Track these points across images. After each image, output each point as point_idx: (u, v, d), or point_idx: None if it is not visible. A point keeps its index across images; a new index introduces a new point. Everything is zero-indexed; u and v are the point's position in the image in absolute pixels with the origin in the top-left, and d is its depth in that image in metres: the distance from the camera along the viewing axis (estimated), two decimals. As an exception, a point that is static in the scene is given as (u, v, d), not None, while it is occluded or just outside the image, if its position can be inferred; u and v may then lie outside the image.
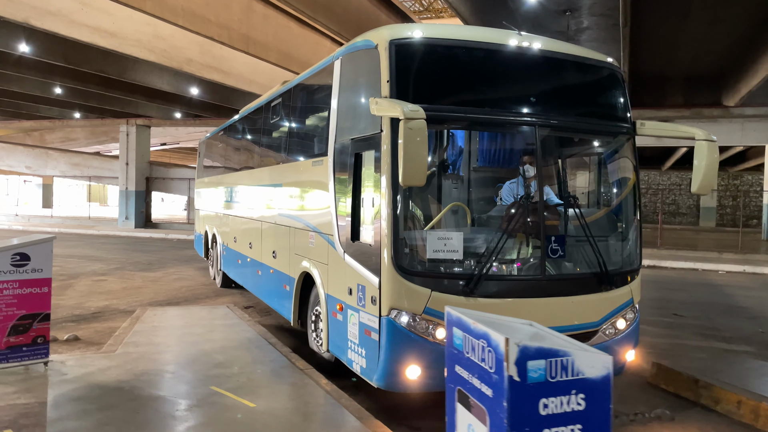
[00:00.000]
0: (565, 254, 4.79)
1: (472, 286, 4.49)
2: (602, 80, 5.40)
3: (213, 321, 7.93)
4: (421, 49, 4.76)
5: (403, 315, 4.43)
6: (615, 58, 17.09)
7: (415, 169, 3.96)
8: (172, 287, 12.00)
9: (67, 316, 9.02)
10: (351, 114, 5.43)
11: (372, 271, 4.66)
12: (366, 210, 4.93)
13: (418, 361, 4.42)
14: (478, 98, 4.95)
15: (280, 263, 7.42)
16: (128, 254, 18.07)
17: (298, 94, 7.41)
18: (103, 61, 16.49)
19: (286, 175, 7.52)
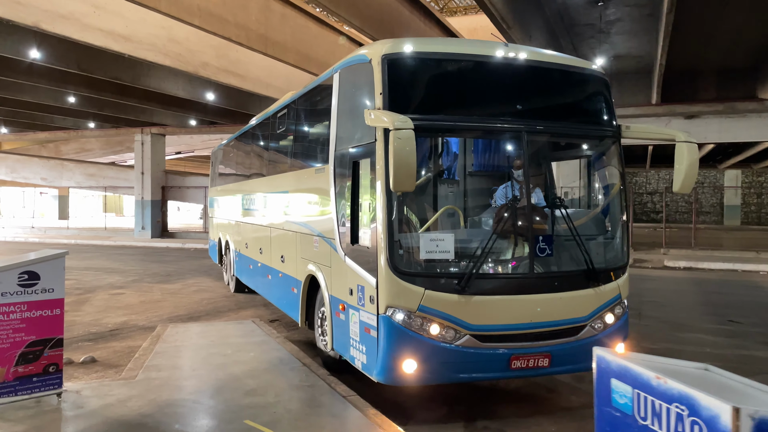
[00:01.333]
0: (553, 253, 5.02)
1: (463, 284, 4.71)
2: (587, 86, 5.62)
3: (239, 339, 7.32)
4: (411, 63, 5.02)
5: (398, 312, 4.68)
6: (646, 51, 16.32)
7: (405, 176, 4.21)
8: (192, 300, 11.44)
9: (83, 335, 8.46)
10: (349, 124, 5.67)
11: (370, 272, 4.91)
12: (363, 215, 5.21)
13: (413, 356, 4.66)
14: (467, 107, 5.18)
15: (288, 267, 7.69)
16: (145, 265, 17.57)
17: (302, 105, 7.67)
18: (117, 68, 16.05)
19: (292, 183, 7.75)
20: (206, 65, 14.96)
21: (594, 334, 5.14)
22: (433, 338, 4.69)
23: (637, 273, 16.46)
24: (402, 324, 4.68)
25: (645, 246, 21.54)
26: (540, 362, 4.93)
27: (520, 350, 4.86)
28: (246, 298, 11.60)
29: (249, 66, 16.56)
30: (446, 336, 4.71)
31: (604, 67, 20.36)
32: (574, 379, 6.29)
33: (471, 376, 4.97)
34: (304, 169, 7.39)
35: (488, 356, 4.80)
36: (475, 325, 4.74)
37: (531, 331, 4.91)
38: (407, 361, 4.66)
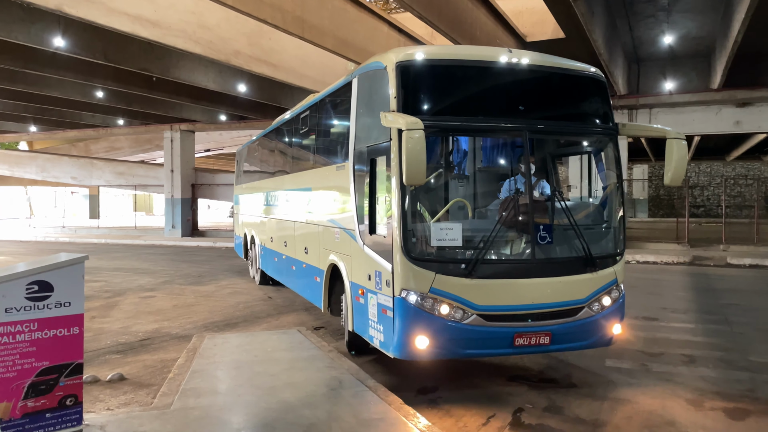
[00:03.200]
0: (553, 241, 5.48)
1: (470, 269, 5.20)
2: (586, 87, 6.02)
3: (286, 353, 6.35)
4: (421, 69, 5.49)
5: (411, 294, 5.17)
6: (708, 32, 14.84)
7: (416, 172, 4.67)
8: (228, 303, 10.56)
9: (111, 345, 7.62)
10: (367, 125, 6.15)
11: (386, 259, 5.41)
12: (380, 207, 5.71)
13: (425, 333, 5.15)
14: (473, 109, 5.62)
15: (311, 258, 8.24)
16: (176, 265, 16.82)
17: (323, 106, 8.20)
18: (146, 58, 15.27)
19: (315, 180, 8.27)
20: (238, 54, 14.07)
21: (592, 315, 5.62)
22: (443, 317, 5.17)
23: (701, 271, 15.15)
24: (415, 304, 5.16)
25: (702, 242, 20.06)
26: (541, 340, 5.40)
27: (523, 329, 5.33)
28: (283, 300, 10.75)
29: (282, 55, 15.64)
30: (455, 315, 5.18)
31: (658, 50, 19.06)
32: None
33: (477, 352, 5.49)
34: (325, 166, 7.91)
35: (493, 334, 5.29)
36: (481, 305, 5.20)
37: (533, 311, 5.36)
38: (420, 337, 5.17)
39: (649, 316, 9.35)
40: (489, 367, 6.55)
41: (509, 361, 6.74)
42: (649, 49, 18.69)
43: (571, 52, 18.66)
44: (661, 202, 49.28)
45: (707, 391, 5.77)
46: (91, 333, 8.31)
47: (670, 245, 19.40)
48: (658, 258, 17.25)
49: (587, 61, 18.68)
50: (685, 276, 14.43)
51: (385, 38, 15.17)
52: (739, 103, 19.59)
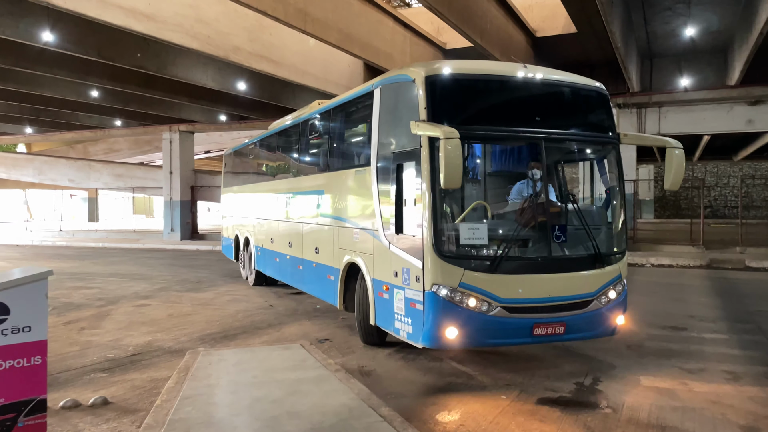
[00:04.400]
0: (567, 239, 6.00)
1: (495, 265, 5.65)
2: (592, 101, 6.55)
3: (290, 373, 5.71)
4: (448, 82, 5.92)
5: (442, 288, 5.56)
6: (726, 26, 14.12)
7: (453, 176, 5.08)
8: (226, 312, 9.94)
9: (98, 362, 6.99)
10: (391, 132, 6.58)
11: (416, 257, 5.81)
12: (409, 209, 6.04)
13: (455, 324, 5.55)
14: (494, 119, 6.10)
15: (323, 257, 8.55)
16: (174, 270, 16.19)
17: (338, 113, 8.55)
18: (142, 55, 14.64)
19: (329, 183, 8.54)
20: (238, 49, 13.45)
21: (600, 307, 6.12)
22: (470, 309, 5.61)
23: (720, 275, 14.49)
24: (445, 298, 5.58)
25: (716, 244, 19.40)
26: (557, 330, 5.87)
27: (541, 320, 5.79)
28: (285, 308, 10.16)
29: (284, 51, 15.03)
30: (481, 307, 5.63)
31: (673, 46, 18.43)
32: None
33: (500, 341, 5.99)
34: (342, 170, 8.19)
35: (515, 324, 5.74)
36: (504, 298, 5.66)
37: (549, 303, 5.84)
38: (450, 328, 5.58)
39: (677, 326, 8.72)
40: (514, 387, 5.93)
41: (535, 385, 6.12)
42: (663, 45, 18.05)
43: (583, 48, 18.10)
44: (667, 203, 48.61)
45: (761, 416, 5.14)
46: (77, 347, 7.70)
47: (685, 247, 18.76)
48: (673, 261, 16.60)
49: (599, 57, 18.06)
50: (705, 280, 13.77)
51: (390, 33, 14.57)
52: (751, 102, 18.95)
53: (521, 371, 6.47)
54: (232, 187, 15.01)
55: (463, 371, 6.47)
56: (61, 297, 11.73)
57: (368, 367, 6.63)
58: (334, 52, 16.89)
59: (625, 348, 7.44)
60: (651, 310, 9.97)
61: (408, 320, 6.04)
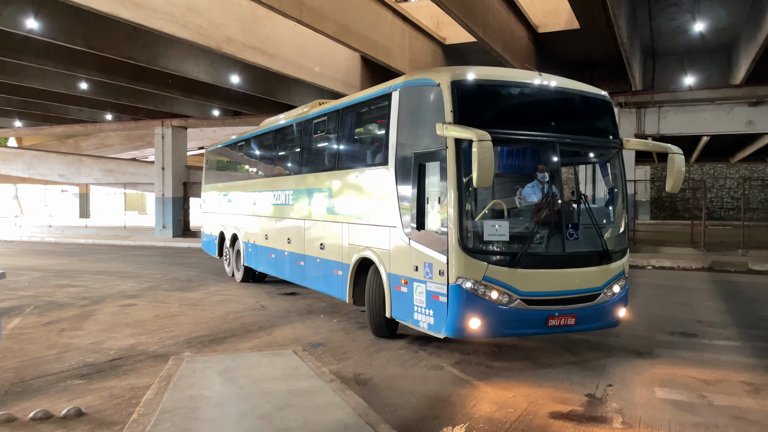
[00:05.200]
0: (579, 238, 6.49)
1: (516, 260, 6.09)
2: (600, 108, 7.02)
3: (280, 383, 5.27)
4: (473, 87, 6.29)
5: (467, 282, 5.98)
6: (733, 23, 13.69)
7: (486, 176, 5.40)
8: (216, 314, 9.50)
9: (75, 367, 6.55)
10: (412, 133, 6.90)
11: (440, 252, 6.17)
12: (432, 206, 6.39)
13: (478, 315, 5.99)
14: (514, 122, 6.47)
15: (330, 253, 8.80)
16: (164, 268, 15.72)
17: (349, 113, 8.68)
18: (131, 45, 14.14)
19: (338, 181, 8.70)
20: (230, 40, 12.98)
21: (606, 300, 6.56)
22: (493, 301, 5.98)
23: (724, 278, 14.14)
24: (470, 290, 5.94)
25: (718, 246, 19.06)
26: (569, 321, 6.29)
27: (555, 311, 6.20)
28: (277, 309, 9.76)
29: (279, 43, 14.57)
30: (503, 300, 6.01)
31: (677, 44, 18.07)
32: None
33: (518, 331, 6.40)
34: (353, 169, 8.41)
35: (532, 315, 6.13)
36: (523, 291, 6.05)
37: (563, 297, 6.26)
38: (473, 319, 5.95)
39: (687, 332, 8.34)
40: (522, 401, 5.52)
41: (544, 397, 5.72)
42: (667, 43, 17.68)
43: (585, 45, 17.70)
44: (663, 204, 48.46)
45: (791, 434, 4.76)
46: (56, 350, 7.26)
47: (685, 249, 18.43)
48: (674, 263, 16.24)
49: (601, 54, 17.67)
50: (709, 283, 13.42)
51: (389, 26, 14.14)
52: (752, 102, 18.64)
53: (528, 380, 6.07)
54: (216, 184, 14.90)
55: (466, 380, 6.07)
56: (44, 296, 11.27)
57: (365, 375, 6.22)
58: (331, 45, 16.46)
59: (635, 355, 7.06)
60: (657, 314, 9.60)
61: (429, 312, 6.39)
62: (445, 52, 17.38)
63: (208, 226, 15.33)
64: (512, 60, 14.23)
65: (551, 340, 7.66)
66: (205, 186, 15.81)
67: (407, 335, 7.75)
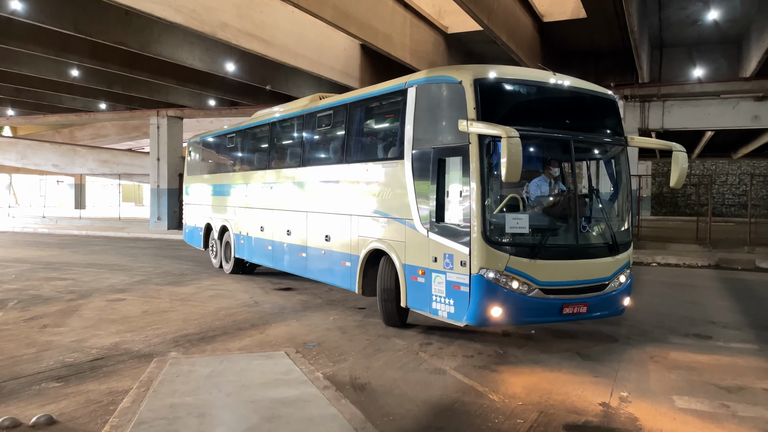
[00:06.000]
0: (591, 231, 7.01)
1: (535, 252, 6.37)
2: (607, 107, 7.37)
3: (269, 390, 4.86)
4: (495, 85, 6.60)
5: (489, 272, 6.22)
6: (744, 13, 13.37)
7: (514, 171, 5.62)
8: (207, 310, 9.09)
9: (53, 368, 6.13)
10: (430, 128, 7.06)
11: (461, 243, 6.42)
12: (452, 199, 6.64)
13: (499, 304, 6.25)
14: (533, 119, 6.74)
15: (336, 245, 8.92)
16: (157, 261, 15.29)
17: (358, 107, 8.69)
18: (122, 30, 13.65)
19: (347, 174, 8.77)
20: (225, 26, 12.50)
21: (614, 290, 6.87)
22: (513, 291, 6.22)
23: (732, 276, 13.73)
24: (492, 280, 6.16)
25: (722, 243, 18.65)
26: (581, 309, 6.60)
27: (569, 300, 6.50)
28: (271, 306, 9.35)
29: (275, 30, 14.08)
30: (522, 289, 6.25)
31: (686, 35, 17.61)
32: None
33: (536, 319, 6.67)
34: (363, 162, 8.50)
35: (549, 304, 6.41)
36: (541, 281, 6.32)
37: (577, 286, 6.56)
38: (494, 308, 6.20)
39: (701, 333, 7.94)
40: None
41: (556, 406, 5.31)
42: (675, 34, 17.20)
43: (591, 36, 17.22)
44: (664, 200, 48.07)
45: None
46: (34, 349, 6.84)
47: (691, 246, 18.02)
48: (680, 260, 15.83)
49: (607, 45, 17.15)
50: (717, 281, 13.02)
51: (390, 13, 13.66)
52: (758, 97, 18.22)
53: (536, 386, 5.67)
54: (203, 175, 14.74)
55: (470, 386, 5.66)
56: (30, 289, 10.85)
57: (362, 378, 5.81)
58: (329, 34, 15.98)
59: (649, 359, 6.66)
60: (668, 314, 9.20)
61: (450, 301, 6.59)
62: (447, 42, 16.89)
63: (192, 217, 15.22)
64: (517, 49, 13.76)
65: (559, 342, 7.28)
66: (189, 177, 15.62)
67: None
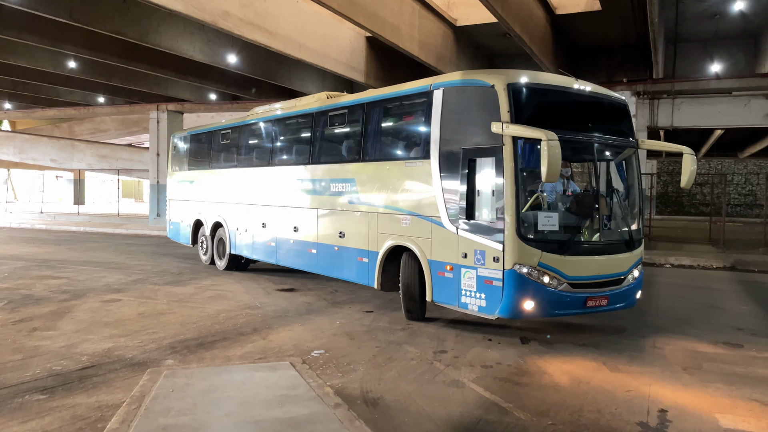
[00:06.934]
0: (612, 228, 7.53)
1: (565, 248, 6.78)
2: (622, 111, 7.83)
3: (273, 410, 4.37)
4: (526, 90, 6.88)
5: (523, 268, 6.56)
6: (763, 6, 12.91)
7: (554, 172, 5.97)
8: (206, 312, 8.62)
9: (39, 377, 5.68)
10: (459, 130, 7.40)
11: (494, 240, 6.73)
12: (484, 198, 6.97)
13: (531, 297, 6.60)
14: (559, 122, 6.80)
15: (352, 241, 9.14)
16: (155, 259, 14.82)
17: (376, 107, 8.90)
18: (120, 20, 13.14)
19: (366, 173, 8.98)
20: (227, 15, 11.99)
21: (630, 283, 7.34)
22: (545, 285, 6.66)
23: (749, 279, 13.23)
24: (525, 275, 6.59)
25: (736, 244, 18.16)
26: (601, 302, 7.07)
27: (592, 293, 6.98)
28: (274, 309, 8.88)
29: (279, 20, 13.57)
30: (553, 284, 6.69)
31: (702, 29, 17.10)
32: None
33: (564, 312, 6.97)
34: (384, 161, 8.75)
35: (575, 297, 6.86)
36: (570, 276, 6.78)
37: (599, 280, 7.05)
38: (527, 301, 6.61)
39: (730, 342, 7.46)
40: None
41: (589, 427, 4.82)
42: (692, 27, 16.66)
43: (603, 30, 16.67)
44: (669, 199, 47.55)
45: None
46: (21, 355, 6.38)
47: (703, 247, 17.53)
48: (693, 261, 15.33)
49: (619, 40, 16.53)
50: (736, 284, 12.53)
51: (398, 4, 13.16)
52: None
53: (566, 403, 5.19)
54: (192, 171, 14.49)
55: (493, 401, 5.18)
56: (22, 288, 10.38)
57: (374, 392, 5.34)
58: (334, 25, 15.49)
59: (682, 371, 6.19)
60: (690, 320, 8.71)
61: (481, 295, 6.89)
62: (456, 34, 16.38)
63: (178, 213, 15.05)
64: (530, 42, 13.26)
65: (581, 351, 6.81)
66: (174, 173, 15.38)
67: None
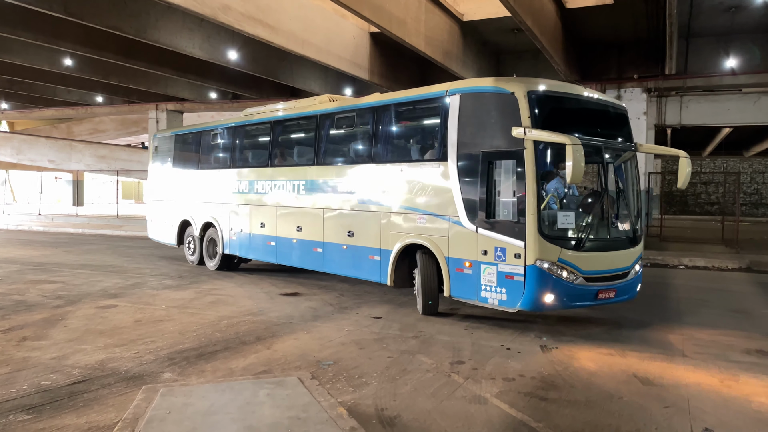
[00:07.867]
0: (619, 226, 8.04)
1: (581, 245, 7.31)
2: (623, 118, 8.38)
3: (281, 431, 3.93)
4: (544, 97, 7.45)
5: (545, 263, 7.04)
6: None
7: (578, 174, 6.38)
8: (206, 319, 8.17)
9: (26, 393, 5.23)
10: (477, 133, 7.85)
11: (515, 237, 7.20)
12: (504, 198, 7.42)
13: (551, 291, 7.09)
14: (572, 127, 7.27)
15: (362, 240, 9.45)
16: (154, 262, 14.36)
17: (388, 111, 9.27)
18: (117, 14, 12.70)
19: (377, 174, 9.27)
20: (228, 9, 11.56)
21: (633, 276, 7.92)
22: (563, 279, 7.14)
23: (765, 281, 12.76)
24: (546, 270, 7.05)
25: (748, 244, 17.69)
26: (610, 294, 7.59)
27: (603, 286, 7.49)
28: (278, 315, 8.45)
29: (281, 15, 13.14)
30: (570, 278, 7.17)
31: (717, 24, 16.65)
32: None
33: (578, 304, 7.46)
34: (398, 163, 9.05)
35: (589, 290, 7.36)
36: (585, 270, 7.26)
37: (609, 274, 7.56)
38: (548, 295, 7.10)
39: (763, 350, 7.02)
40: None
41: None
42: (707, 22, 16.18)
43: (614, 25, 16.19)
44: (674, 199, 47.10)
45: None
46: (8, 368, 5.95)
47: (717, 247, 17.07)
48: (708, 262, 14.85)
49: (630, 36, 15.92)
50: (755, 287, 12.06)
51: (406, -2, 12.71)
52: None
53: (601, 422, 4.74)
54: (179, 170, 14.31)
55: (520, 420, 4.74)
56: (15, 294, 9.94)
57: (390, 410, 4.89)
58: (337, 20, 15.06)
59: (719, 383, 5.75)
60: (715, 325, 8.25)
61: (502, 290, 7.37)
62: (462, 30, 15.93)
63: (161, 213, 14.88)
64: (541, 36, 12.81)
65: (608, 359, 6.37)
66: (157, 173, 15.20)
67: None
